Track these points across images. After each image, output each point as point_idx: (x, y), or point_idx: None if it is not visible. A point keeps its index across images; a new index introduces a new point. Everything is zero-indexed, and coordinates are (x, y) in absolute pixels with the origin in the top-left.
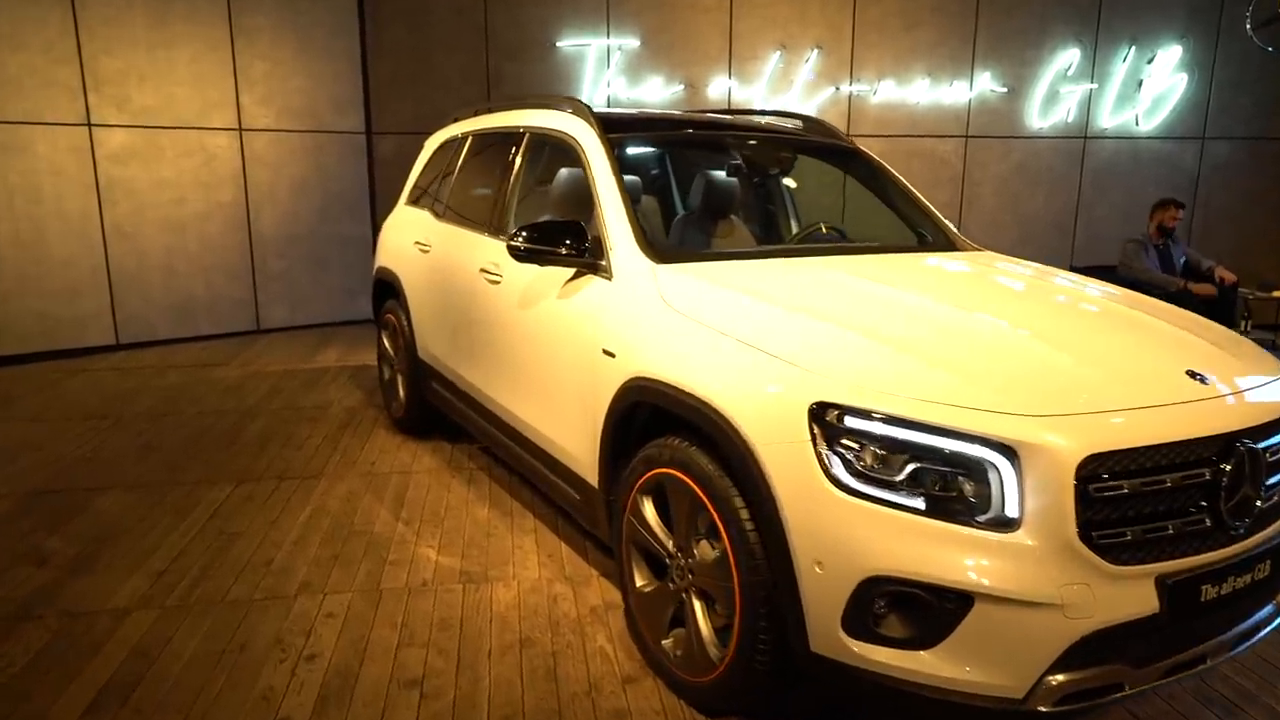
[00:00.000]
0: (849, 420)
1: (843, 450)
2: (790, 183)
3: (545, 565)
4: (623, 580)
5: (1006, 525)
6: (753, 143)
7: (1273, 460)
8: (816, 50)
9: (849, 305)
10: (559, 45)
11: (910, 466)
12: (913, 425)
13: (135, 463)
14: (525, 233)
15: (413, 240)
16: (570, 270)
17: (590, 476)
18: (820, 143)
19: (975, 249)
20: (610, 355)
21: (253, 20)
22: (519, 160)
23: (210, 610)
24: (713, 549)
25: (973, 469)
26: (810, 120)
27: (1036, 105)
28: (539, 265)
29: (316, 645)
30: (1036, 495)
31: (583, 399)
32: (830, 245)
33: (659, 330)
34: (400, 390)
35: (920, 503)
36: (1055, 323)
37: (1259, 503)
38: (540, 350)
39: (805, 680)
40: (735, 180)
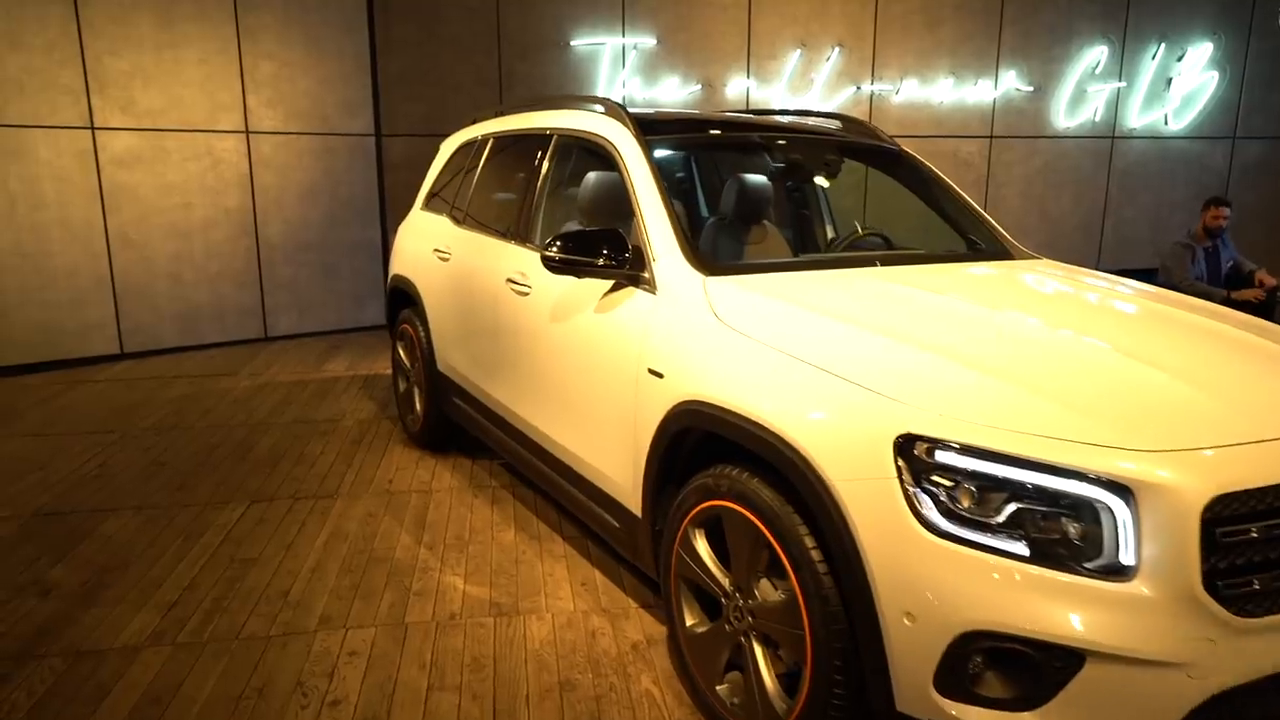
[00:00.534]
0: (940, 455)
1: (933, 488)
2: (823, 181)
3: (579, 595)
4: (670, 617)
5: (1121, 574)
6: (796, 145)
7: None
8: (837, 48)
9: (924, 323)
10: (573, 44)
11: (1011, 507)
12: (1014, 461)
13: (143, 481)
14: (560, 242)
15: (431, 247)
16: (608, 282)
17: (632, 504)
18: (862, 144)
19: (1033, 256)
20: (657, 375)
21: (258, 19)
22: (546, 164)
23: (225, 648)
24: (777, 589)
25: (1083, 510)
26: (849, 120)
27: (1063, 104)
28: (576, 277)
29: (340, 689)
30: (1155, 540)
31: (624, 421)
32: (886, 254)
33: (713, 349)
34: (417, 403)
35: (1023, 548)
36: (1158, 344)
37: None
38: (575, 367)
39: None
40: (768, 183)
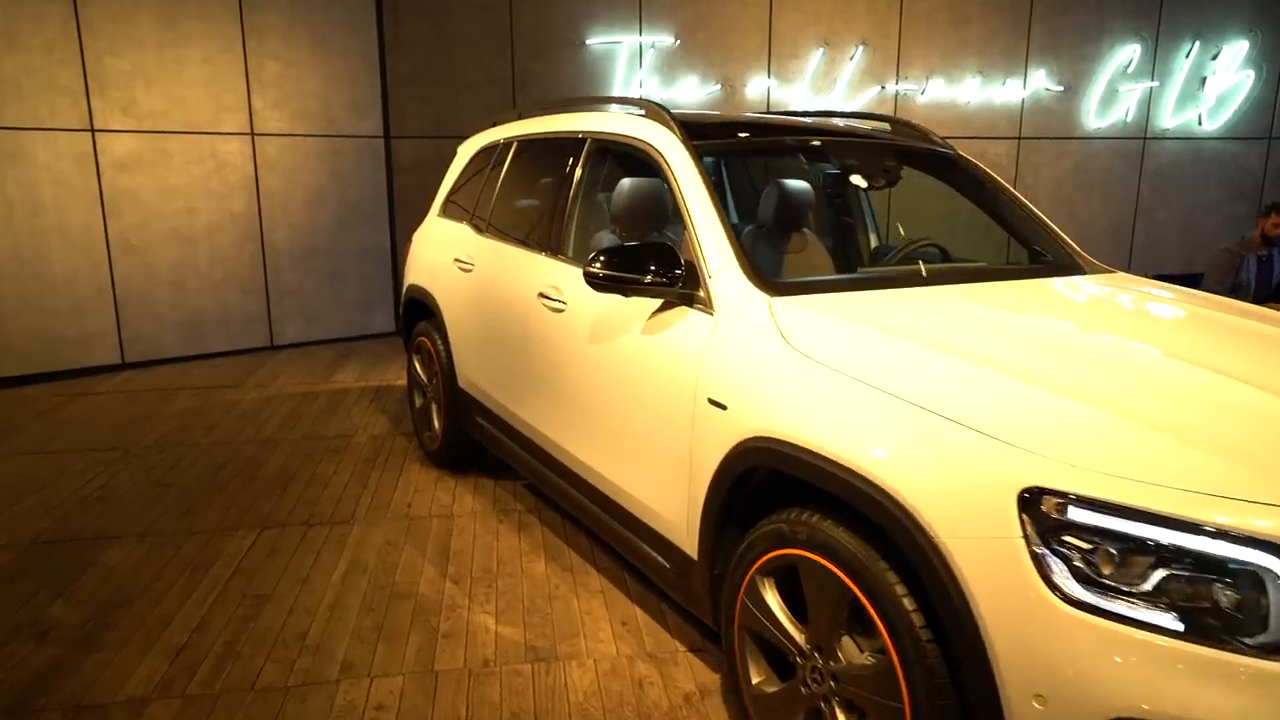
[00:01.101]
0: (1075, 512)
1: (1066, 551)
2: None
3: (621, 637)
4: (733, 673)
5: None
6: (852, 150)
7: None
8: (861, 47)
9: (1029, 352)
10: (589, 43)
11: (1159, 573)
12: (1163, 520)
13: (147, 505)
14: (604, 258)
15: (451, 257)
16: (656, 301)
17: (686, 545)
18: (913, 148)
19: (1105, 269)
20: (719, 407)
21: (263, 17)
22: (579, 171)
23: (240, 701)
24: (863, 652)
25: (1243, 578)
26: (899, 122)
27: (1093, 105)
28: (623, 296)
29: None
30: None
31: (678, 454)
32: (960, 269)
33: (787, 380)
34: (435, 420)
35: (1175, 621)
36: None
37: None
38: (619, 392)
39: None
40: (809, 188)
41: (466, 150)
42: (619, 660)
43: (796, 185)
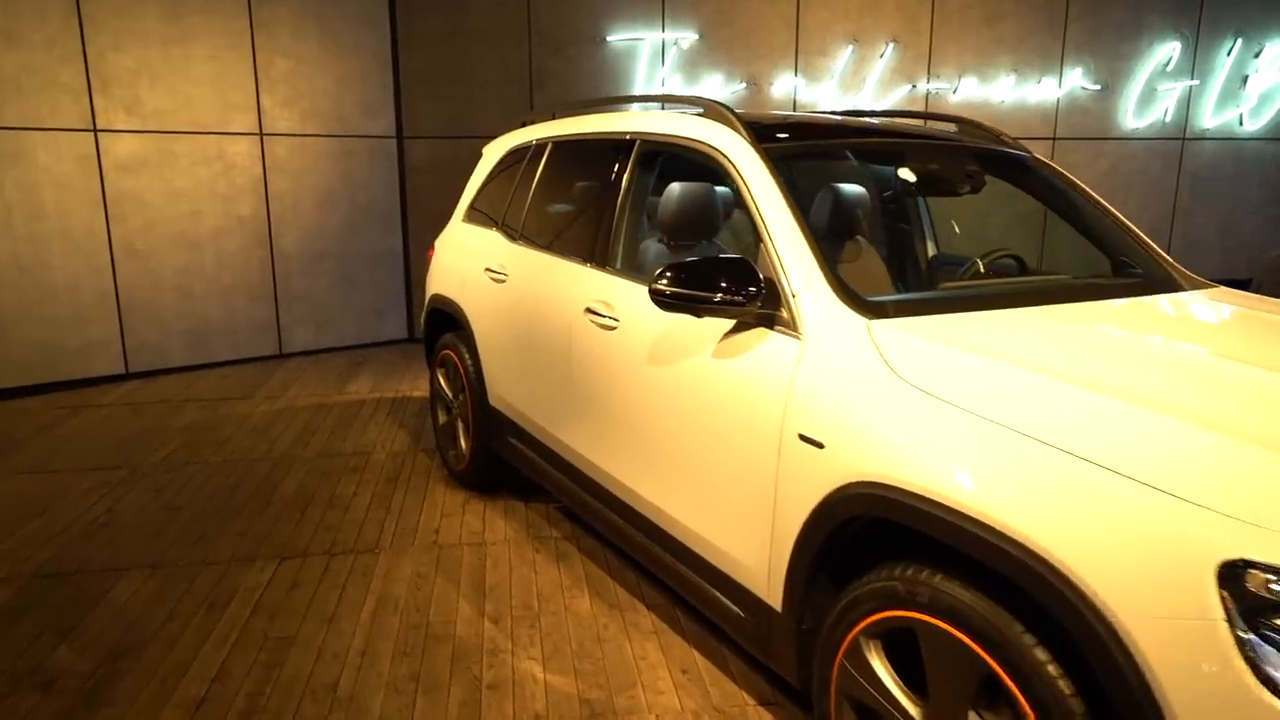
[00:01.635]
0: None
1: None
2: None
3: (683, 687)
4: None
5: None
6: (930, 153)
7: None
8: (891, 45)
9: (1189, 388)
10: (609, 39)
11: None
12: None
13: (156, 531)
14: (671, 274)
15: (482, 266)
16: (729, 321)
17: (766, 594)
18: (984, 150)
19: (1204, 283)
20: (814, 444)
21: (273, 12)
22: (627, 176)
23: None
24: None
25: None
26: (966, 122)
27: (1131, 104)
28: (695, 316)
29: None
30: None
31: (759, 494)
32: (1064, 285)
33: (901, 419)
34: (462, 440)
35: None
36: None
37: None
38: (685, 421)
39: None
40: (864, 194)
41: (494, 152)
42: (683, 716)
43: (852, 190)
